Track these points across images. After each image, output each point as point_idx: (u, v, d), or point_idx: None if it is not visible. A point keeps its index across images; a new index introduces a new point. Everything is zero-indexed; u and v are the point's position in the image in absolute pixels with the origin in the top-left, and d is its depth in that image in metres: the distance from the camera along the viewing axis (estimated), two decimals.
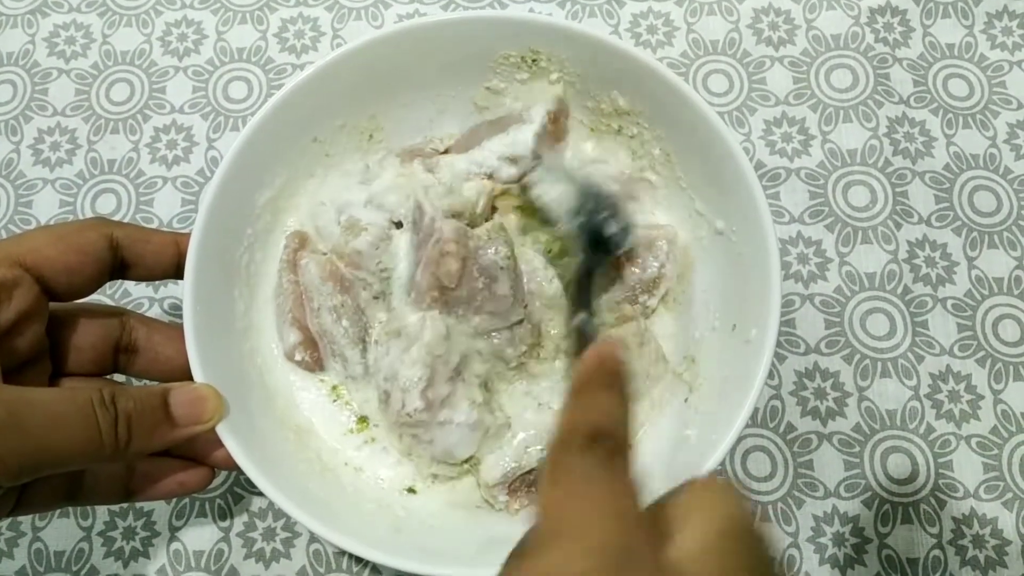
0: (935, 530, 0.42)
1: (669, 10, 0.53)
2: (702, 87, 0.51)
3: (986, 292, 0.46)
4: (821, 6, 0.52)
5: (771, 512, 0.43)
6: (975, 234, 0.47)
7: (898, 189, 0.48)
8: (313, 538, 0.43)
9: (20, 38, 0.53)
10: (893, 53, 0.51)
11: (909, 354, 0.45)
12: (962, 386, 0.45)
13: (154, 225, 0.48)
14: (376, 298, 0.42)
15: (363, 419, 0.42)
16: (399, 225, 0.42)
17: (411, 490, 0.40)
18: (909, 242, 0.47)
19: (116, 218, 0.48)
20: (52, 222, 0.48)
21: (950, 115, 0.50)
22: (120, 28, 0.53)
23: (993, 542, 0.42)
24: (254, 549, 0.42)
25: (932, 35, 0.52)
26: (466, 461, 0.40)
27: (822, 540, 0.42)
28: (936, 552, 0.42)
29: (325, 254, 0.43)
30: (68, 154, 0.50)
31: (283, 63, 0.52)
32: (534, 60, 0.43)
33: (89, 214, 0.49)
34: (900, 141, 0.49)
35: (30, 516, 0.43)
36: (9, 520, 0.43)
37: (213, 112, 0.51)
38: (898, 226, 0.48)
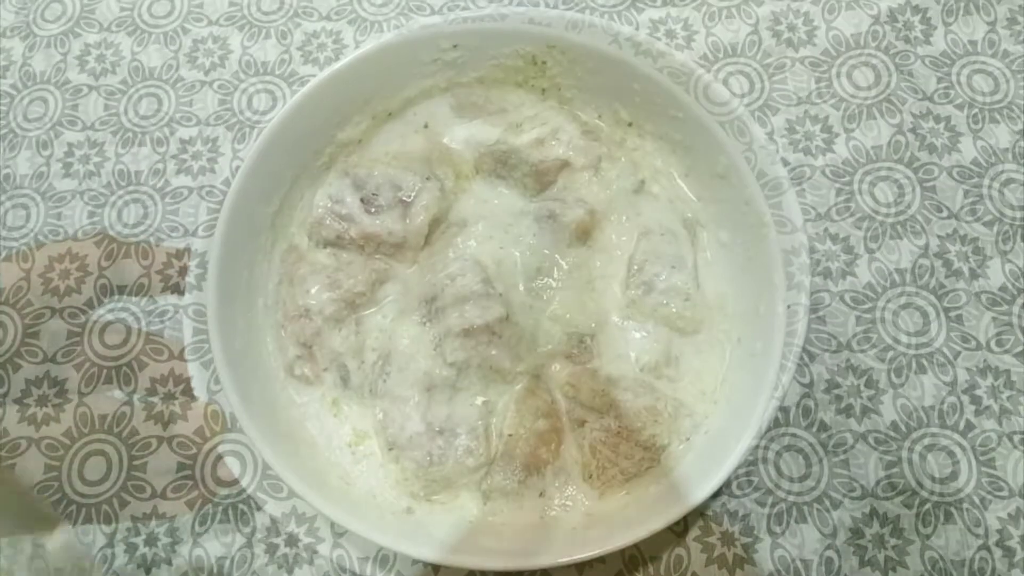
0: (980, 530, 0.40)
1: (688, 15, 0.53)
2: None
3: (1021, 285, 0.45)
4: (840, 7, 0.52)
5: (807, 513, 0.41)
6: (1007, 227, 0.46)
7: (926, 184, 0.47)
8: (337, 543, 0.42)
9: (53, 57, 0.54)
10: (915, 50, 0.51)
11: (944, 349, 0.44)
12: (1001, 381, 0.43)
13: (179, 234, 0.49)
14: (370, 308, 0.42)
15: (360, 433, 0.41)
16: None
17: (409, 510, 0.39)
18: (939, 237, 0.46)
19: (142, 228, 0.49)
20: (80, 233, 0.49)
21: (976, 110, 0.49)
22: (149, 45, 0.54)
23: None
24: (277, 555, 0.42)
25: (954, 32, 0.51)
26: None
27: (861, 542, 0.41)
28: (983, 553, 0.40)
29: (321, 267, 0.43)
30: (97, 167, 0.51)
31: (307, 75, 0.53)
32: (537, 70, 0.43)
33: (117, 225, 0.49)
34: (926, 136, 0.49)
35: None
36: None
37: (238, 123, 0.51)
38: (928, 221, 0.47)
